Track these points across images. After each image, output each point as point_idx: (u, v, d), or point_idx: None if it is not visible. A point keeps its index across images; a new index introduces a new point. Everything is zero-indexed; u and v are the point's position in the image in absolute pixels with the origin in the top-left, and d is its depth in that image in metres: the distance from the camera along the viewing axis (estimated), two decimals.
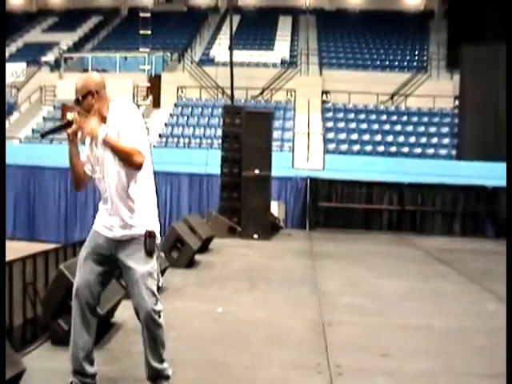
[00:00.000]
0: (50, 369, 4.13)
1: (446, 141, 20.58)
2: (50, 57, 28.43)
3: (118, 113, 3.49)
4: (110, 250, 3.54)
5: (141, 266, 3.48)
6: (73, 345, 3.61)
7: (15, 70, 26.71)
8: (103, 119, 3.49)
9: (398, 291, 7.51)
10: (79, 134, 3.49)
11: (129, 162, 3.42)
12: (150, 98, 24.08)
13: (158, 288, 3.65)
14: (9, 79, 26.32)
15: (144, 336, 3.57)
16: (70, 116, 3.47)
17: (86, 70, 26.21)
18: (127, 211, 3.50)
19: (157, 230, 3.60)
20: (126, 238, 3.51)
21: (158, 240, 3.62)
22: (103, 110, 3.51)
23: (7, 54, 29.61)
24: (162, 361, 3.62)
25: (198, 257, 9.16)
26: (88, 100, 3.50)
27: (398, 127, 21.32)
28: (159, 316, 3.56)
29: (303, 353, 4.78)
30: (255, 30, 29.11)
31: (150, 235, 3.51)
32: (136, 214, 3.50)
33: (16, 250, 11.51)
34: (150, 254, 3.51)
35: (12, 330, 5.19)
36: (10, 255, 5.94)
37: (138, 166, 3.45)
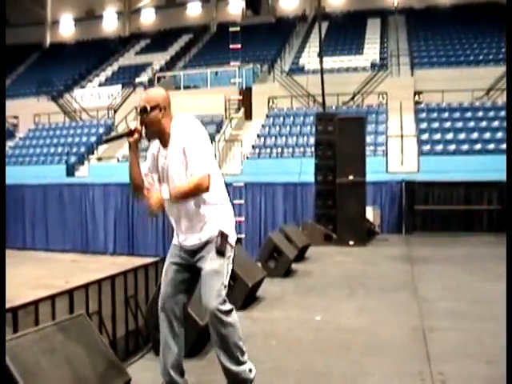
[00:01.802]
0: (154, 378, 4.27)
1: None
2: (143, 78, 29.44)
3: (180, 129, 3.55)
4: (189, 260, 3.65)
5: (209, 264, 3.52)
6: (162, 357, 3.66)
7: (111, 93, 27.82)
8: (167, 136, 3.59)
9: (502, 295, 7.24)
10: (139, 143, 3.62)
11: (198, 194, 3.51)
12: (242, 110, 24.41)
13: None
14: (106, 102, 27.44)
15: (213, 338, 3.54)
16: (132, 125, 3.55)
17: (178, 88, 27.07)
18: (199, 225, 3.61)
19: (230, 232, 3.65)
20: (201, 245, 3.61)
21: (232, 242, 3.64)
22: (167, 127, 3.58)
23: (103, 78, 30.97)
24: (239, 363, 3.56)
25: (294, 266, 9.20)
26: (155, 112, 3.53)
27: (496, 123, 20.52)
28: (227, 315, 3.49)
29: (404, 360, 4.70)
30: (344, 34, 29.00)
31: (221, 235, 3.56)
32: (208, 224, 3.59)
33: (117, 264, 11.98)
34: (220, 253, 3.54)
35: (115, 341, 5.40)
36: (111, 270, 6.21)
37: (206, 191, 3.51)
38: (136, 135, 3.54)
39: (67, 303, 4.90)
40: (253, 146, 21.69)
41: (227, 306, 3.51)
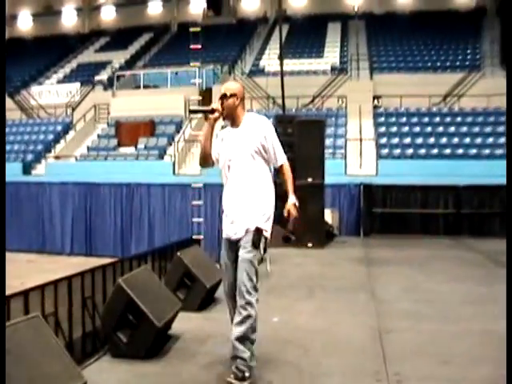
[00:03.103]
0: (110, 381, 4.23)
1: (502, 140, 20.10)
2: (103, 76, 29.10)
3: (257, 119, 4.36)
4: (236, 246, 4.22)
5: (245, 253, 4.12)
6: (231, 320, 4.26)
7: (70, 90, 27.45)
8: (239, 120, 4.34)
9: (458, 296, 7.39)
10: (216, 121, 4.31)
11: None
12: None
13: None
14: (64, 99, 27.05)
15: (237, 316, 4.11)
16: (214, 105, 4.27)
17: (138, 87, 26.85)
18: (252, 210, 4.23)
19: (267, 227, 4.25)
20: (244, 233, 4.19)
21: (268, 234, 4.25)
22: (241, 115, 4.35)
23: (62, 75, 30.50)
24: (244, 343, 4.08)
25: None
26: (233, 99, 4.28)
27: (452, 129, 20.93)
28: (255, 300, 4.09)
29: (361, 361, 4.75)
30: (304, 38, 29.14)
31: (258, 231, 4.17)
32: (258, 214, 4.23)
33: (74, 265, 11.81)
34: (254, 245, 4.14)
35: (72, 343, 5.32)
36: (68, 270, 6.11)
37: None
38: (216, 114, 4.25)
39: (22, 304, 4.80)
40: None
41: (256, 294, 4.12)
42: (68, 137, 24.78)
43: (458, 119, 21.52)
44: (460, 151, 19.47)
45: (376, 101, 23.18)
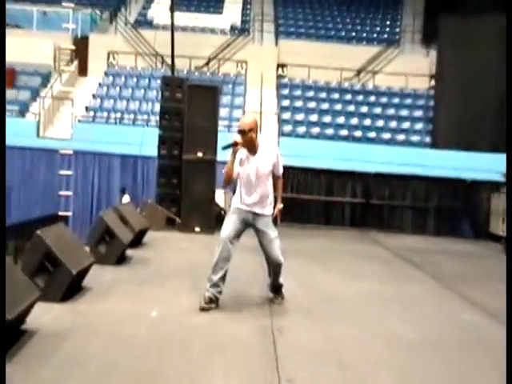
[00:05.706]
0: None
1: (419, 126, 20.93)
2: None
3: (270, 146, 6.61)
4: (249, 219, 6.51)
5: (272, 232, 6.59)
6: (214, 268, 6.37)
7: None
8: (256, 148, 6.36)
9: (361, 295, 7.65)
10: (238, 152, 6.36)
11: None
12: (75, 63, 23.77)
13: None
14: None
15: (272, 273, 6.81)
16: (237, 139, 6.23)
17: None
18: (264, 201, 6.56)
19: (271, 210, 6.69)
20: (261, 214, 6.54)
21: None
22: (256, 145, 6.35)
23: None
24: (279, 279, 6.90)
25: (129, 252, 9.15)
26: (251, 134, 6.25)
27: (365, 109, 21.57)
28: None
29: (250, 363, 4.81)
30: None
31: (273, 214, 6.67)
32: (268, 203, 6.62)
33: None
34: (275, 224, 6.68)
35: None
36: None
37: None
38: (238, 146, 6.27)
39: None
40: (86, 108, 21.25)
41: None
42: None
43: (372, 98, 22.21)
44: (372, 134, 20.10)
45: (281, 70, 23.47)
